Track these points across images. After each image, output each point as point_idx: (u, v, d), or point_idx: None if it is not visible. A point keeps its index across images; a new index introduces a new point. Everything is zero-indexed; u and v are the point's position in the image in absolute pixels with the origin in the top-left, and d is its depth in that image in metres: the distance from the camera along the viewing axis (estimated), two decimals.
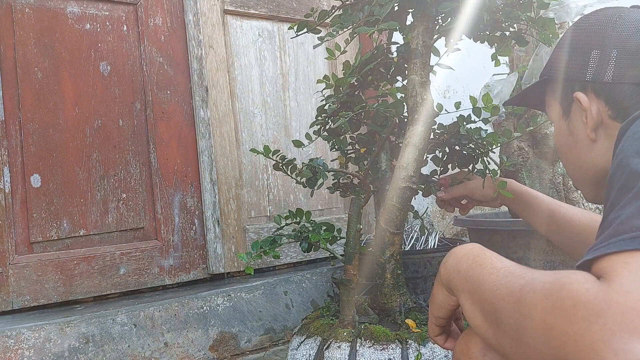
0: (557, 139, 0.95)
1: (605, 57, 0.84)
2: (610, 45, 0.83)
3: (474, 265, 0.68)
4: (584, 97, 0.85)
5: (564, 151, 0.94)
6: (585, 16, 0.92)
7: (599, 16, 0.88)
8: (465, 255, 0.72)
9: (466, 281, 0.68)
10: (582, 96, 0.86)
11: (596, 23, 0.87)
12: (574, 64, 0.88)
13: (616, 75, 0.83)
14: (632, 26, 0.83)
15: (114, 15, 1.90)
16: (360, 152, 1.55)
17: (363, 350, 1.21)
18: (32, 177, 1.73)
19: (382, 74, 1.49)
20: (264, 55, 2.22)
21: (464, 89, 2.83)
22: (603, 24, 0.86)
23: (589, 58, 0.85)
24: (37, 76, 1.75)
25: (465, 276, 0.69)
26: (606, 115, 0.84)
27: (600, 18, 0.88)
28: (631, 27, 0.83)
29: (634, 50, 0.82)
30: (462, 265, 0.71)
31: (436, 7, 1.26)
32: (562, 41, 0.93)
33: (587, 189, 0.93)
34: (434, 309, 0.81)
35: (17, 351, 1.46)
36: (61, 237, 1.76)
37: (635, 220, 0.51)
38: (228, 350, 1.78)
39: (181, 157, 1.99)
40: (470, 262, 0.70)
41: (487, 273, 0.64)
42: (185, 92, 2.01)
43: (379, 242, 1.33)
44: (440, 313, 0.80)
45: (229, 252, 2.04)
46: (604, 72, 0.84)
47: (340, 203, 2.39)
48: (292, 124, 2.28)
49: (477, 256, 0.69)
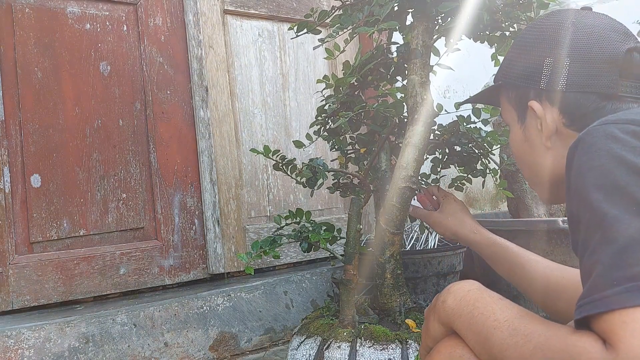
0: (512, 144, 0.94)
1: (558, 66, 0.82)
2: (563, 53, 0.82)
3: (475, 313, 0.71)
4: (539, 107, 0.84)
5: (520, 155, 0.93)
6: (539, 20, 0.90)
7: (552, 21, 0.86)
8: (464, 299, 0.74)
9: (470, 330, 0.71)
10: (536, 105, 0.84)
11: (549, 29, 0.85)
12: (528, 71, 0.86)
13: (570, 83, 0.81)
14: (585, 33, 0.81)
15: (114, 15, 1.90)
16: (360, 152, 1.55)
17: (363, 350, 1.21)
18: (32, 177, 1.73)
19: (382, 74, 1.49)
20: (264, 55, 2.22)
21: (464, 89, 2.83)
22: (556, 30, 0.84)
23: (542, 66, 0.83)
24: (37, 76, 1.75)
25: (468, 324, 0.72)
26: (561, 124, 0.83)
27: (554, 23, 0.85)
28: (584, 34, 0.81)
29: (587, 58, 0.80)
30: (462, 309, 0.74)
31: (436, 7, 1.26)
32: (516, 45, 0.91)
33: (542, 191, 0.94)
34: (428, 341, 0.83)
35: (17, 351, 1.46)
36: (61, 237, 1.76)
37: (614, 272, 0.54)
38: (228, 350, 1.78)
39: (181, 157, 1.99)
40: (470, 308, 0.72)
41: (491, 326, 0.67)
42: (185, 92, 2.01)
43: (379, 242, 1.33)
44: (433, 344, 0.82)
45: (228, 252, 2.04)
46: (557, 81, 0.82)
47: (340, 203, 2.39)
48: (292, 124, 2.28)
49: (476, 301, 0.72)
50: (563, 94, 0.82)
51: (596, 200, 0.59)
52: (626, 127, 0.62)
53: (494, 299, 0.71)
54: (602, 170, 0.60)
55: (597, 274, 0.55)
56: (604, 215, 0.57)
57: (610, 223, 0.56)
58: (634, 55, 0.80)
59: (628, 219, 0.55)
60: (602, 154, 0.61)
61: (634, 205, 0.56)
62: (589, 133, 0.65)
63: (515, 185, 2.11)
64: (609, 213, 0.57)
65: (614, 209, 0.57)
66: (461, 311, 0.74)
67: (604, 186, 0.59)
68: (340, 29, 1.29)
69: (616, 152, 0.60)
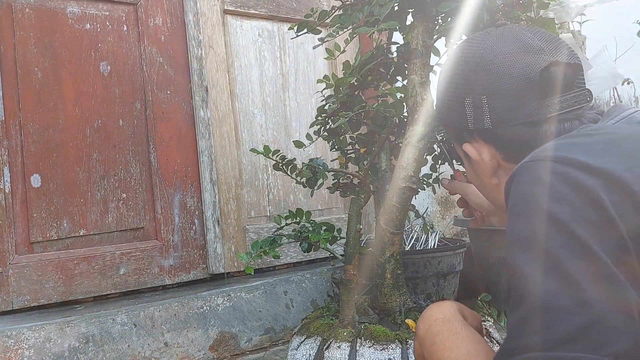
0: (468, 178, 0.93)
1: (478, 104, 0.78)
2: (478, 91, 0.78)
3: (434, 348, 0.75)
4: (472, 150, 0.82)
5: (477, 188, 0.93)
6: (451, 56, 0.86)
7: (464, 54, 0.82)
8: (430, 329, 0.78)
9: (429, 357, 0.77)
10: (469, 149, 0.82)
11: (462, 64, 0.81)
12: (454, 113, 0.83)
13: (494, 120, 0.77)
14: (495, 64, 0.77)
15: (114, 15, 1.90)
16: (360, 152, 1.55)
17: (363, 350, 1.21)
18: (32, 177, 1.73)
19: (382, 74, 1.49)
20: (264, 55, 2.22)
21: None
22: (468, 66, 0.80)
23: (464, 106, 0.80)
24: (37, 76, 1.75)
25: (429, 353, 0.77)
26: (501, 159, 0.80)
27: (466, 57, 0.81)
28: (494, 66, 0.77)
29: (502, 92, 0.76)
30: (426, 339, 0.78)
31: (436, 7, 1.26)
32: (439, 86, 0.88)
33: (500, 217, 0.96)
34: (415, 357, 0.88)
35: (17, 351, 1.46)
36: (61, 237, 1.76)
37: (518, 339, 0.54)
38: (228, 350, 1.78)
39: (181, 157, 1.99)
40: (431, 340, 0.77)
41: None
42: (185, 92, 2.01)
43: (379, 242, 1.33)
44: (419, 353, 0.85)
45: (229, 252, 2.04)
46: (482, 119, 0.78)
47: (340, 203, 2.39)
48: (292, 124, 2.28)
49: (436, 335, 0.76)
50: (492, 131, 0.78)
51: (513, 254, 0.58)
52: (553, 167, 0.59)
53: (451, 333, 0.74)
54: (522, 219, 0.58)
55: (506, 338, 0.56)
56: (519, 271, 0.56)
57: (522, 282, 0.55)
58: (551, 71, 0.75)
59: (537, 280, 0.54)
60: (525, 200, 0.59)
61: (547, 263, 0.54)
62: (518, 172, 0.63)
63: None
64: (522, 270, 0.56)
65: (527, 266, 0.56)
66: (425, 340, 0.78)
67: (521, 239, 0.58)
68: (340, 29, 1.29)
69: (538, 198, 0.58)
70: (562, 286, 0.52)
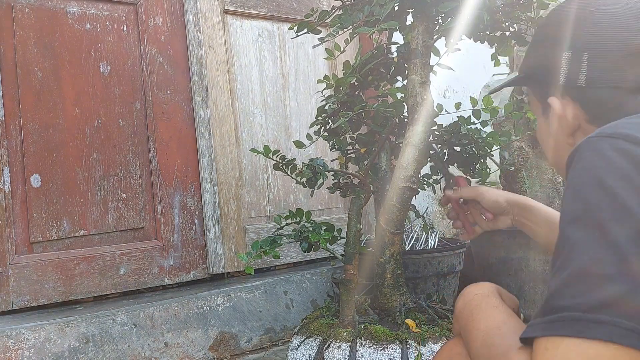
0: (538, 134, 0.92)
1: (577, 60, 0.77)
2: (581, 47, 0.77)
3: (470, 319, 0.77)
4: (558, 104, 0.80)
5: (545, 145, 0.91)
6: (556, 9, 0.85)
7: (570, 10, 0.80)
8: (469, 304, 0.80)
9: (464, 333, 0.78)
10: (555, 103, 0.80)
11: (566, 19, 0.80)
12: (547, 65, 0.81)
13: (590, 78, 0.76)
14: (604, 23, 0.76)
15: (114, 15, 1.90)
16: (360, 152, 1.55)
17: (363, 350, 1.21)
18: (32, 177, 1.73)
19: (382, 74, 1.49)
20: (264, 55, 2.22)
21: (464, 89, 2.83)
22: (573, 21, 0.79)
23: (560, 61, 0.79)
24: (37, 76, 1.75)
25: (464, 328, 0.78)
26: (583, 120, 0.79)
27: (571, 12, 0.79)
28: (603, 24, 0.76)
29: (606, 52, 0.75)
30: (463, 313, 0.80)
31: (436, 7, 1.26)
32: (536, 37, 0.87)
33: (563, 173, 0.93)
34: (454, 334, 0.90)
35: (17, 351, 1.46)
36: (61, 237, 1.76)
37: (558, 300, 0.55)
38: (228, 350, 1.78)
39: (181, 157, 1.99)
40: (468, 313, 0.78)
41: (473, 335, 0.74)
42: (185, 92, 2.01)
43: (379, 242, 1.33)
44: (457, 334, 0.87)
45: (229, 252, 2.04)
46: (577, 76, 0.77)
47: (340, 203, 2.39)
48: (292, 124, 2.28)
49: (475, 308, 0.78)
50: (583, 89, 0.77)
51: (564, 222, 0.59)
52: (617, 144, 0.59)
53: (489, 306, 0.75)
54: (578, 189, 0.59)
55: (545, 300, 0.57)
56: (566, 239, 0.57)
57: (568, 249, 0.56)
58: None
59: (584, 247, 0.55)
60: (584, 172, 0.60)
61: (596, 231, 0.55)
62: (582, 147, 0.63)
63: (515, 185, 2.11)
64: (570, 237, 0.57)
65: (575, 234, 0.56)
66: (463, 313, 0.79)
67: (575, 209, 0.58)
68: (340, 29, 1.29)
69: (597, 172, 0.58)
70: (608, 255, 0.54)
